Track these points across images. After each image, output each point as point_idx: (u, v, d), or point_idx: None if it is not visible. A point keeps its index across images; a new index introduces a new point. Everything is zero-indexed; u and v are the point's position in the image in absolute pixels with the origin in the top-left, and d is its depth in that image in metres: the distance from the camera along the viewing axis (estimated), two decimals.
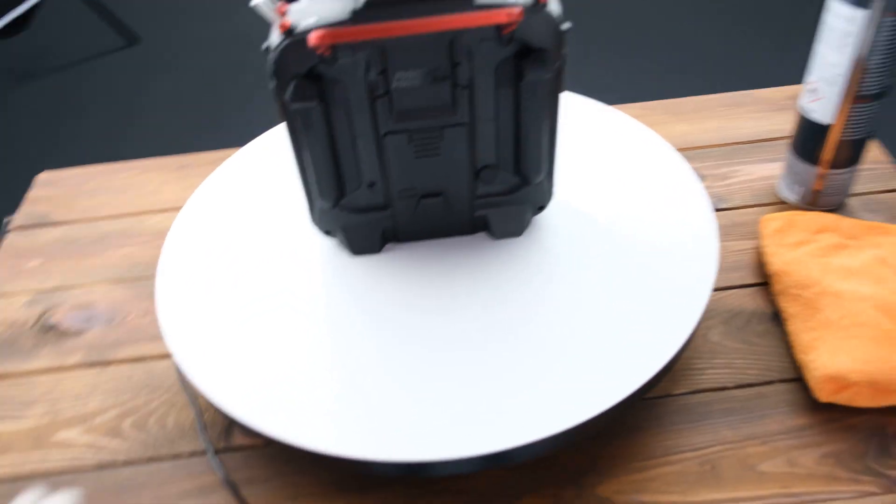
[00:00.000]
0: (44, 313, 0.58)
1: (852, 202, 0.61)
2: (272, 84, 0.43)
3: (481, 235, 0.52)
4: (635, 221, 0.52)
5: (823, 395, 0.46)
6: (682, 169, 0.55)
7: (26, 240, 0.65)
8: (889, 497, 0.43)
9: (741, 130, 0.69)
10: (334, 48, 0.41)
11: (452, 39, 0.41)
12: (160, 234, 0.64)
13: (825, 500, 0.43)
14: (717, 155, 0.67)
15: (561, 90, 0.45)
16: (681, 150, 0.68)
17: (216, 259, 0.52)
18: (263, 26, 2.30)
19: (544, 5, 0.41)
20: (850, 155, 0.57)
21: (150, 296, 0.59)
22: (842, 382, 0.45)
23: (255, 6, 0.40)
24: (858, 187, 0.62)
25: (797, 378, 0.49)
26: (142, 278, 0.61)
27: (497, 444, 0.40)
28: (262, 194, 0.57)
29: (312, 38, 0.37)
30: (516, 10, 0.38)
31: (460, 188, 0.49)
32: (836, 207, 0.60)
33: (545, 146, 0.47)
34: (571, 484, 0.45)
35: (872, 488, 0.43)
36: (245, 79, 2.09)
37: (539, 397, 0.42)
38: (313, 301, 0.49)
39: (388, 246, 0.52)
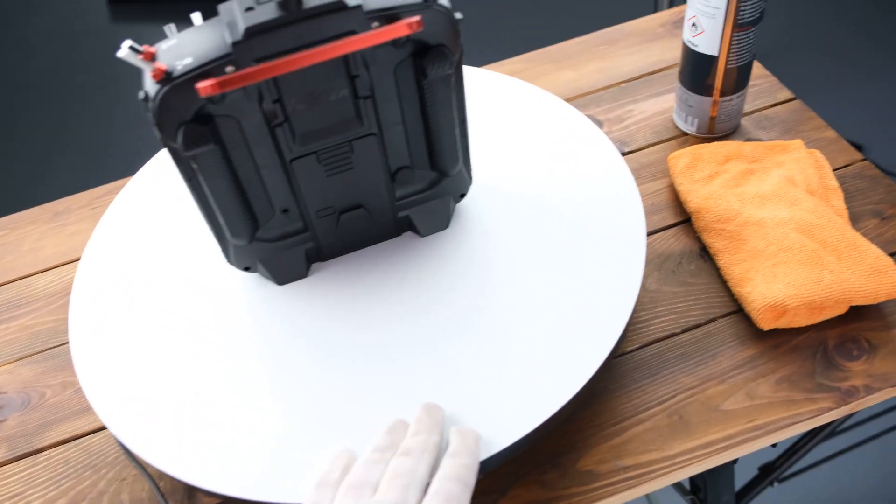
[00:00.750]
0: None
1: (745, 122, 0.63)
2: (159, 134, 0.39)
3: (408, 235, 0.50)
4: (553, 187, 0.51)
5: (765, 323, 0.48)
6: (581, 122, 0.55)
7: None
8: (843, 409, 0.46)
9: (625, 68, 0.70)
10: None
11: (347, 54, 0.39)
12: (55, 296, 0.59)
13: (788, 426, 0.45)
14: (608, 98, 0.67)
15: (462, 79, 0.44)
16: (572, 98, 0.68)
17: (133, 314, 0.48)
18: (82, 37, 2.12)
19: (435, 0, 0.39)
20: (738, 80, 0.58)
21: (63, 367, 0.54)
22: (780, 310, 0.47)
23: (122, 57, 0.36)
24: (747, 106, 0.64)
25: (738, 310, 0.51)
26: (48, 349, 0.55)
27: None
28: (165, 233, 0.53)
29: (202, 90, 0.33)
30: (415, 20, 0.35)
31: (379, 196, 0.47)
32: (733, 131, 0.62)
33: (458, 137, 0.45)
34: (552, 466, 0.45)
35: (828, 404, 0.46)
36: (72, 84, 1.93)
37: (505, 397, 0.42)
38: (246, 344, 0.46)
39: (314, 266, 0.50)
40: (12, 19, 2.19)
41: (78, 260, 0.61)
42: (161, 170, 0.57)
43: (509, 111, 0.57)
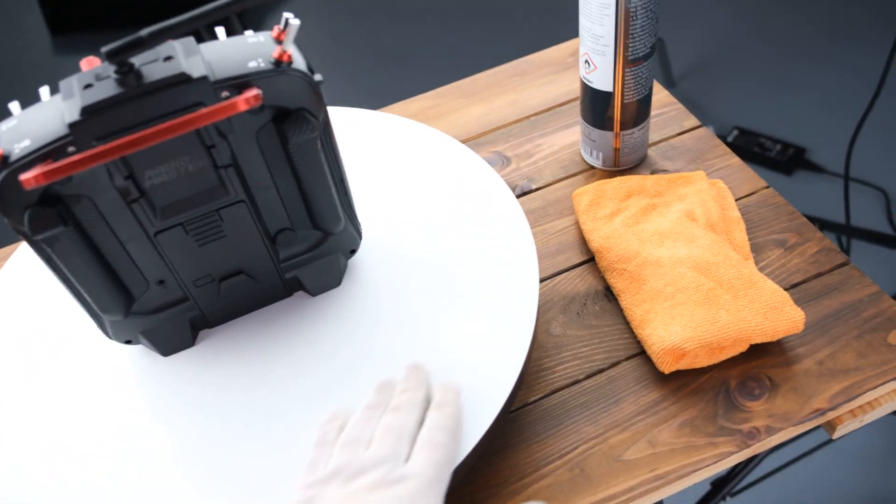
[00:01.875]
0: None
1: (652, 152, 0.62)
2: (5, 219, 0.37)
3: (300, 294, 0.49)
4: (447, 235, 0.50)
5: (666, 367, 0.47)
6: (478, 165, 0.54)
7: None
8: (744, 452, 0.45)
9: (535, 100, 0.69)
10: None
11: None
12: None
13: (689, 473, 0.44)
14: (517, 133, 0.66)
15: (333, 139, 0.42)
16: (481, 134, 0.67)
17: (15, 392, 0.46)
18: None
19: (289, 63, 0.38)
20: (638, 113, 0.57)
21: None
22: (679, 352, 0.46)
23: None
24: (654, 135, 0.63)
25: (641, 351, 0.50)
26: None
27: None
28: (50, 303, 0.50)
29: (27, 181, 0.32)
30: (253, 94, 0.34)
31: (260, 260, 0.45)
32: (640, 162, 0.61)
33: (336, 195, 0.44)
34: None
35: (729, 448, 0.45)
36: None
37: None
38: (136, 419, 0.44)
39: (203, 333, 0.48)
40: None
41: None
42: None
43: (403, 156, 0.56)
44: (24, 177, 0.32)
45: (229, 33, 0.39)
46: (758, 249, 0.54)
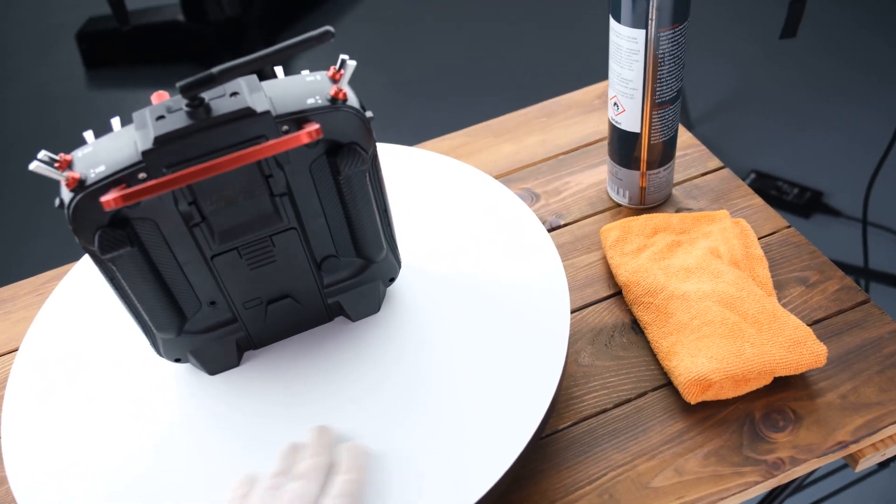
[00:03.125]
0: None
1: (676, 192, 0.65)
2: (77, 239, 0.40)
3: (340, 320, 0.51)
4: (482, 266, 0.52)
5: (692, 397, 0.48)
6: (510, 200, 0.56)
7: None
8: (769, 482, 0.46)
9: (562, 140, 0.72)
10: None
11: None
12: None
13: (716, 502, 0.45)
14: (546, 170, 0.69)
15: (380, 171, 0.45)
16: (512, 171, 0.70)
17: (65, 405, 0.48)
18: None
19: (344, 101, 0.40)
20: (664, 154, 0.60)
21: None
22: (705, 384, 0.48)
23: (34, 170, 0.37)
24: (678, 175, 0.66)
25: (668, 383, 0.51)
26: None
27: None
28: (102, 320, 0.53)
29: (106, 203, 0.34)
30: (314, 129, 0.36)
31: (306, 285, 0.47)
32: (665, 201, 0.64)
33: (380, 226, 0.46)
34: None
35: (754, 477, 0.46)
36: (50, 149, 1.94)
37: (432, 482, 0.42)
38: (171, 434, 0.46)
39: (247, 354, 0.50)
40: None
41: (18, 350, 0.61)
42: None
43: (440, 190, 0.58)
44: (104, 199, 0.34)
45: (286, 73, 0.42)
46: (780, 287, 0.56)
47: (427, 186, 0.59)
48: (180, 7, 2.12)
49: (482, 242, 0.54)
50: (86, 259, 0.58)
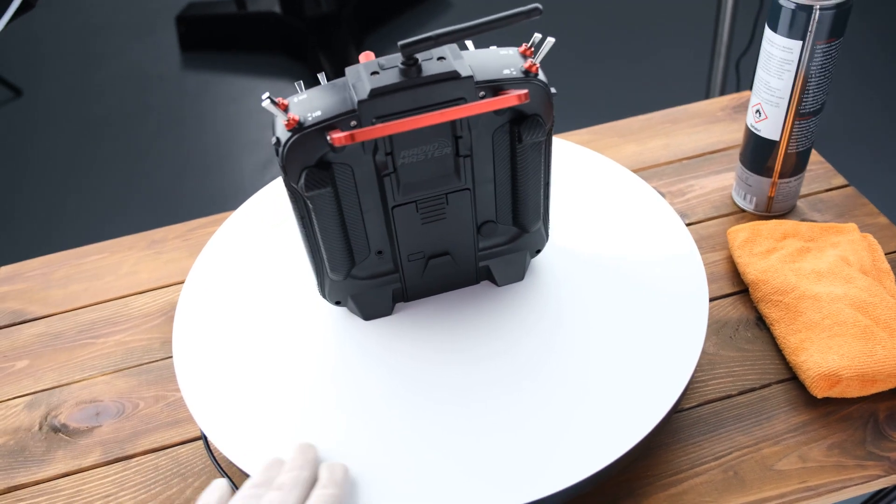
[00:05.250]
0: (48, 415, 0.57)
1: (801, 204, 0.67)
2: (283, 175, 0.44)
3: (485, 283, 0.55)
4: (621, 250, 0.55)
5: (819, 391, 0.50)
6: (647, 192, 0.59)
7: (5, 340, 0.63)
8: (892, 477, 0.48)
9: (686, 146, 0.74)
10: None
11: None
12: (149, 317, 0.64)
13: (840, 489, 0.47)
14: (670, 172, 0.72)
15: (551, 146, 0.48)
16: (636, 170, 0.72)
17: (231, 336, 0.53)
18: (153, 67, 2.25)
19: (536, 74, 0.44)
20: (797, 164, 0.62)
21: (156, 382, 0.58)
22: (834, 379, 0.50)
23: (264, 107, 0.41)
24: (803, 189, 0.68)
25: (792, 377, 0.53)
26: (141, 364, 0.60)
27: (536, 493, 0.43)
28: (262, 265, 0.58)
29: (336, 140, 0.39)
30: (523, 93, 0.40)
31: (465, 246, 0.51)
32: (789, 211, 0.66)
33: (542, 197, 0.50)
34: None
35: (877, 471, 0.48)
36: (142, 126, 2.04)
37: (569, 442, 0.45)
38: (335, 368, 0.50)
39: (398, 306, 0.54)
40: (91, 63, 2.33)
41: (170, 285, 0.66)
42: (258, 209, 0.62)
43: (581, 178, 0.62)
44: (336, 136, 0.39)
45: None
46: None
47: (569, 172, 0.62)
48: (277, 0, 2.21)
49: (622, 227, 0.57)
50: (244, 208, 0.62)
